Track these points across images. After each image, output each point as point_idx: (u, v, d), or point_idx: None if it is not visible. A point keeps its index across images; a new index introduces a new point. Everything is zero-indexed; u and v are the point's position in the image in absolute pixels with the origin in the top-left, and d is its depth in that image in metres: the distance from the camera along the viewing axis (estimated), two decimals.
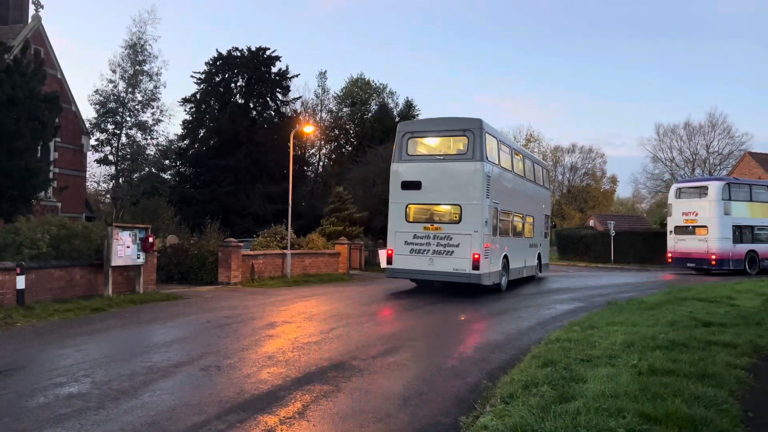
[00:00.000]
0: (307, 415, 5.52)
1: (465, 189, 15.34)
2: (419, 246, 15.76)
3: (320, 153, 50.09)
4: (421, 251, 15.70)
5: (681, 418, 4.64)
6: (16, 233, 12.87)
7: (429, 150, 16.81)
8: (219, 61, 38.74)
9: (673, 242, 28.27)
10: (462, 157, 15.67)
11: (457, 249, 15.16)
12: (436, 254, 15.47)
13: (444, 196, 15.74)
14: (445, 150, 16.52)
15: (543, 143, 74.60)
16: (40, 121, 17.34)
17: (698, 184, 28.69)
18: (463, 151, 15.69)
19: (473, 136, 15.46)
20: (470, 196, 15.25)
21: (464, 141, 15.72)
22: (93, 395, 6.01)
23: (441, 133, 16.66)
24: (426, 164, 16.27)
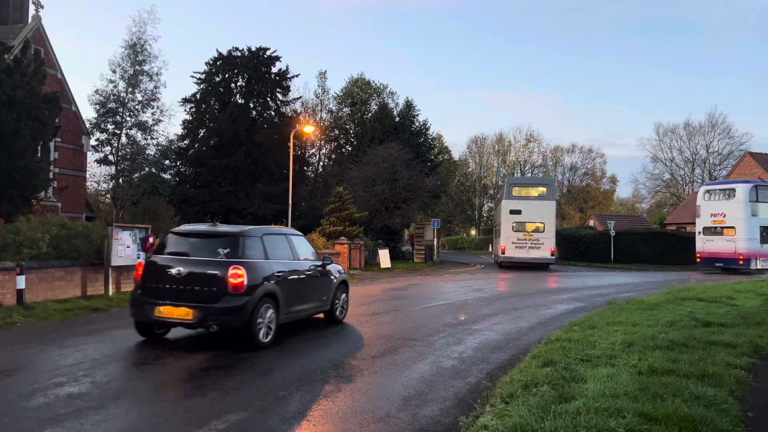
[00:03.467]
0: (307, 415, 5.52)
1: (544, 214, 28.97)
2: (521, 244, 29.06)
3: (320, 153, 50.08)
4: (521, 247, 29.03)
5: (681, 418, 4.64)
6: (16, 233, 12.87)
7: (524, 194, 29.84)
8: (219, 61, 38.71)
9: (701, 243, 29.04)
10: (543, 197, 29.50)
11: (542, 246, 28.79)
12: (530, 248, 28.94)
13: (534, 218, 28.90)
14: (536, 193, 29.91)
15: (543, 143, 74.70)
16: (40, 121, 17.33)
17: (726, 187, 29.34)
18: (545, 195, 29.68)
19: (549, 187, 30.93)
20: (547, 219, 28.99)
21: (544, 190, 30.17)
22: (93, 395, 6.01)
23: (531, 186, 31.31)
24: (523, 201, 29.37)
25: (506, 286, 19.69)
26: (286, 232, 10.60)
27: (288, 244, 10.00)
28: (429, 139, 48.63)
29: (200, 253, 8.64)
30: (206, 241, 8.89)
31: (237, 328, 8.21)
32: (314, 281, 10.23)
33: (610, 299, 13.89)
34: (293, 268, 9.62)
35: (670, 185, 70.59)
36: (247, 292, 8.17)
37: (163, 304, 8.31)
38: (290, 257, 9.75)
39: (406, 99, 48.84)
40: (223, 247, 8.55)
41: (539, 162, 74.23)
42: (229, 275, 8.11)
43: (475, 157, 75.50)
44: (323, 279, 10.60)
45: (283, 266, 9.30)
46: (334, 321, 10.95)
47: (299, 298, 9.68)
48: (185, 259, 8.54)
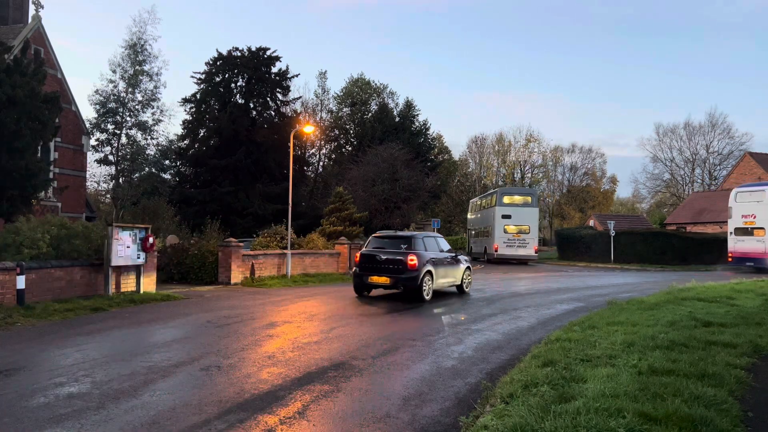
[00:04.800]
0: (307, 415, 5.52)
1: (529, 219, 33.92)
2: (511, 243, 33.56)
3: (320, 153, 50.10)
4: (511, 246, 33.51)
5: (681, 418, 4.64)
6: (16, 233, 12.87)
7: (513, 202, 34.48)
8: (219, 61, 38.74)
9: (733, 243, 30.17)
10: (529, 205, 34.52)
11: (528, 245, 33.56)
12: (518, 247, 33.48)
13: (521, 222, 33.62)
14: (522, 201, 34.63)
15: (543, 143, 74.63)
16: (40, 121, 17.34)
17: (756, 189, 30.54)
18: (529, 203, 34.74)
19: (533, 197, 36.33)
20: (532, 223, 34.01)
21: (529, 199, 35.25)
22: (93, 395, 6.01)
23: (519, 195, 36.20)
24: (513, 207, 34.00)
25: (506, 286, 19.69)
26: (434, 235, 17.01)
27: (436, 243, 16.18)
28: (429, 139, 48.64)
29: (390, 247, 15.18)
30: (393, 241, 15.53)
31: (412, 289, 14.49)
32: (451, 265, 16.31)
33: (610, 299, 13.89)
34: (439, 256, 15.72)
35: (670, 185, 70.60)
36: (417, 269, 14.43)
37: (372, 275, 15.02)
38: (437, 250, 15.90)
39: (406, 99, 48.94)
40: (403, 244, 15.16)
41: (539, 162, 74.22)
42: (408, 259, 14.47)
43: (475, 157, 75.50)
44: (456, 264, 16.66)
45: (434, 255, 15.39)
46: (463, 291, 16.84)
47: (444, 274, 15.74)
48: (383, 251, 15.11)
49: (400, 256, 14.68)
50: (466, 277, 16.99)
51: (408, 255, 14.55)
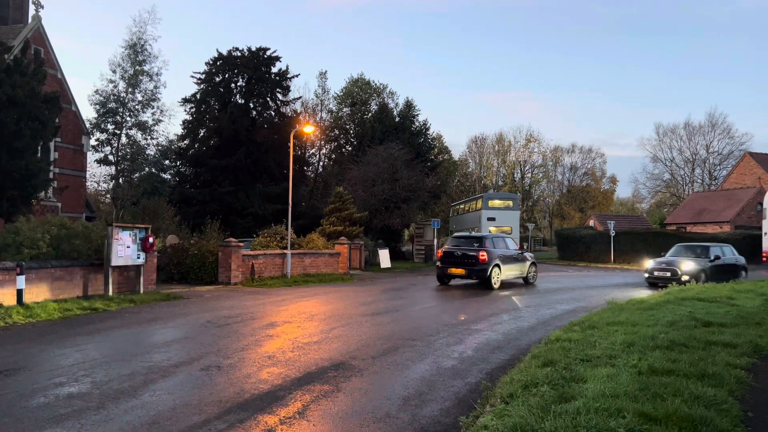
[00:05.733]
0: (307, 415, 5.52)
1: (512, 220, 36.85)
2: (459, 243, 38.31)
3: (320, 153, 50.07)
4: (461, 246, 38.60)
5: (681, 418, 4.64)
6: (16, 233, 12.87)
7: (497, 205, 37.53)
8: (219, 62, 38.71)
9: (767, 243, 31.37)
10: (511, 209, 37.63)
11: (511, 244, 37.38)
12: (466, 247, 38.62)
13: (505, 223, 35.93)
14: (504, 205, 37.70)
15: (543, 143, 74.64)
16: (40, 121, 17.34)
17: None
18: (511, 207, 37.89)
19: (514, 201, 39.44)
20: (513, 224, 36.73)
21: (511, 203, 38.45)
22: (93, 395, 6.01)
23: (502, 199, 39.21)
24: (497, 210, 36.87)
25: (506, 285, 19.70)
26: (503, 236, 21.22)
27: (504, 242, 19.79)
28: (429, 139, 48.60)
29: (466, 245, 19.03)
30: (468, 240, 19.68)
31: (483, 279, 18.11)
32: (517, 260, 19.86)
33: (610, 299, 13.89)
34: (507, 253, 19.25)
35: (670, 185, 70.60)
36: (487, 263, 17.95)
37: (451, 267, 18.77)
38: (505, 248, 19.43)
39: (406, 99, 48.84)
40: (476, 242, 18.96)
41: (539, 162, 74.22)
42: (479, 255, 18.03)
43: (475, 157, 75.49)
44: (523, 260, 20.21)
45: (501, 252, 18.93)
46: (528, 283, 20.32)
47: (511, 268, 19.33)
48: (459, 248, 18.91)
49: (473, 252, 18.33)
50: (532, 271, 20.55)
51: (479, 251, 18.16)
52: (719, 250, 20.24)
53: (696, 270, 18.55)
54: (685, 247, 20.97)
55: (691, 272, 18.42)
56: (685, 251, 20.49)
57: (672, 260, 19.54)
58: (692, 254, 20.04)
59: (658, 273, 19.18)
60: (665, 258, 20.28)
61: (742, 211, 46.26)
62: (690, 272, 18.42)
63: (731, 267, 20.22)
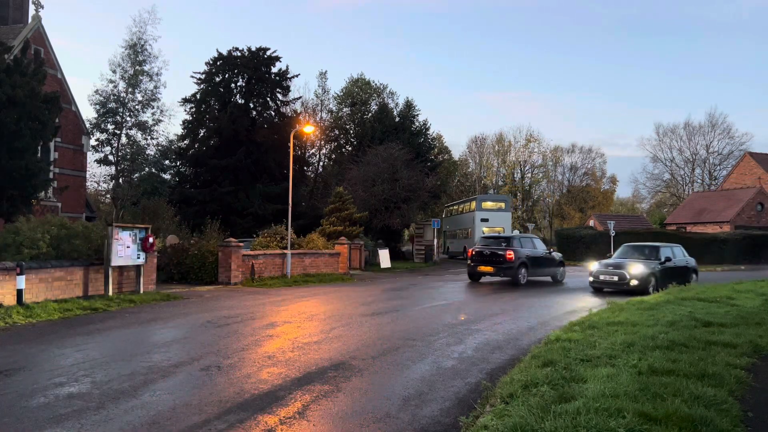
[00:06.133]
0: (307, 415, 5.52)
1: (504, 221, 38.37)
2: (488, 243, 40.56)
3: (320, 153, 50.07)
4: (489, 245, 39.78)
5: (681, 418, 4.64)
6: (16, 233, 12.87)
7: (490, 207, 39.08)
8: (219, 62, 38.70)
9: None
10: (503, 210, 39.20)
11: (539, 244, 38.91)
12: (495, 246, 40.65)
13: (497, 224, 37.72)
14: (496, 207, 39.24)
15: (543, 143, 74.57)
16: (40, 121, 17.34)
17: None
18: (503, 208, 39.51)
19: (506, 203, 40.95)
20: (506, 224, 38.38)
21: (503, 205, 39.90)
22: (93, 395, 6.01)
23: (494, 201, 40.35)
24: (490, 212, 38.50)
25: (506, 285, 19.70)
26: (531, 236, 22.45)
27: (532, 243, 21.07)
28: (429, 139, 48.59)
29: (494, 245, 20.19)
30: (497, 240, 20.94)
31: (511, 276, 19.40)
32: (545, 260, 21.03)
33: (610, 299, 13.89)
34: (534, 253, 20.48)
35: (670, 185, 70.61)
36: (513, 262, 19.15)
37: (481, 265, 20.08)
38: (532, 248, 20.66)
39: (406, 99, 48.84)
40: (503, 242, 20.29)
41: (539, 162, 74.16)
42: (506, 254, 19.21)
43: (475, 157, 75.48)
44: (550, 259, 21.36)
45: (528, 251, 20.14)
46: (557, 281, 21.24)
47: (537, 267, 20.44)
48: (489, 247, 20.12)
49: (501, 251, 19.66)
50: (560, 270, 21.67)
51: (507, 251, 19.55)
52: (670, 251, 18.53)
53: (645, 274, 16.83)
54: (633, 247, 19.27)
55: (640, 276, 16.78)
56: (634, 252, 18.78)
57: (619, 262, 17.68)
58: (641, 256, 18.28)
59: (604, 277, 17.44)
60: (612, 260, 18.57)
61: (742, 211, 46.27)
62: (639, 276, 16.78)
63: (682, 270, 18.50)
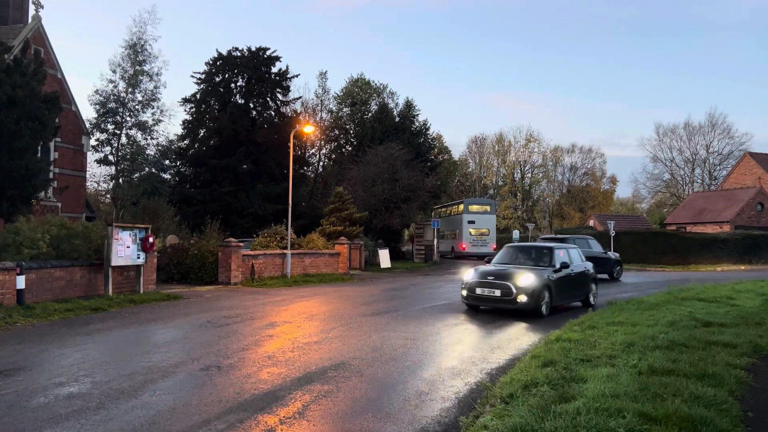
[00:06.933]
0: (307, 415, 5.52)
1: (489, 223, 40.36)
2: (475, 242, 40.20)
3: (320, 153, 50.07)
4: (475, 244, 40.05)
5: (681, 418, 4.64)
6: (16, 233, 12.87)
7: (476, 210, 40.85)
8: (219, 61, 38.69)
9: None
10: (488, 213, 41.10)
11: (488, 244, 39.83)
12: (480, 246, 39.83)
13: (483, 226, 39.99)
14: (482, 209, 41.05)
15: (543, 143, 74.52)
16: (40, 121, 17.33)
17: None
18: (489, 211, 41.25)
19: (492, 206, 43.13)
20: (491, 226, 40.46)
21: (488, 208, 41.79)
22: (93, 395, 6.01)
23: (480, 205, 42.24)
24: (476, 214, 40.28)
25: None
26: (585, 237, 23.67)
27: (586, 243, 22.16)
28: (429, 139, 48.61)
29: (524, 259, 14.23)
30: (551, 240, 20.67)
31: None
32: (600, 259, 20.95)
33: (610, 299, 13.88)
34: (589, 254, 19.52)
35: (670, 185, 70.58)
36: None
37: None
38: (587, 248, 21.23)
39: (406, 99, 48.84)
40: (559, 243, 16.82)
41: (539, 162, 74.14)
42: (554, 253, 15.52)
43: (475, 157, 75.48)
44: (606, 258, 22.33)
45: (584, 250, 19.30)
46: (613, 278, 22.43)
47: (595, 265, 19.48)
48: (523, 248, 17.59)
49: None
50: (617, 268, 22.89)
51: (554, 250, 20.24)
52: (566, 254, 13.83)
53: (538, 286, 12.06)
54: (519, 249, 14.44)
55: (531, 289, 11.95)
56: (520, 255, 13.96)
57: (503, 270, 12.72)
58: (529, 260, 13.60)
59: (483, 291, 12.39)
60: (492, 266, 13.46)
61: (742, 211, 46.25)
62: (530, 289, 11.95)
63: (581, 278, 14.03)
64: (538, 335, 9.77)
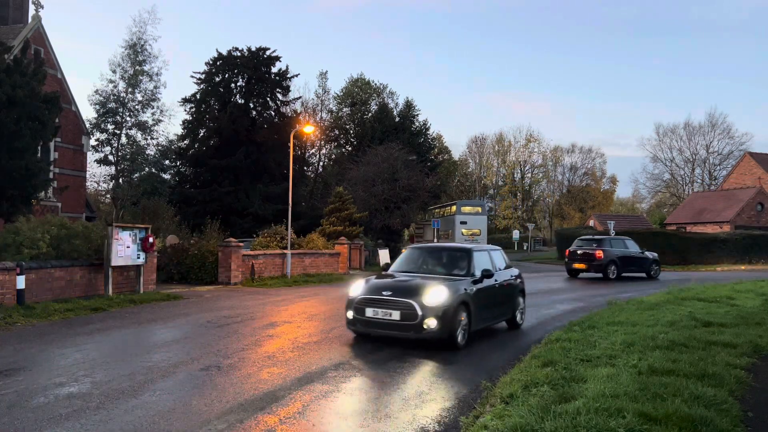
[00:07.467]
0: (307, 415, 5.52)
1: (481, 224, 38.96)
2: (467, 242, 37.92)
3: (320, 153, 50.11)
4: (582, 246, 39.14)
5: (681, 418, 4.64)
6: (16, 233, 12.86)
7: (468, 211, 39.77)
8: (219, 61, 38.70)
9: None
10: (480, 214, 40.00)
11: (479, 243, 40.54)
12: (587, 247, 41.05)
13: (475, 226, 38.48)
14: (474, 211, 40.18)
15: (543, 143, 74.59)
16: (40, 121, 17.32)
17: None
18: (480, 212, 40.32)
19: (483, 208, 42.10)
20: (482, 227, 38.88)
21: (479, 209, 40.96)
22: (93, 395, 6.01)
23: (472, 206, 41.77)
24: (468, 215, 38.99)
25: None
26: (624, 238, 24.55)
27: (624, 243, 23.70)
28: (429, 139, 48.66)
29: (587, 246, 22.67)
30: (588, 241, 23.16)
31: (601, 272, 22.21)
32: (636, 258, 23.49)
33: (610, 299, 13.89)
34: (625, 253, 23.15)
35: (670, 185, 70.59)
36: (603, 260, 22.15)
37: (575, 263, 22.92)
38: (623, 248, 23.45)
39: (406, 99, 48.92)
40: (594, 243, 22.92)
41: (539, 162, 74.20)
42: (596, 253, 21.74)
43: (475, 157, 75.53)
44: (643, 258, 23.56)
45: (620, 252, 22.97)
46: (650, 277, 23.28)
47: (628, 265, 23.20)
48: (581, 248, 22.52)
49: (591, 251, 22.44)
50: (654, 268, 23.44)
51: (596, 251, 22.24)
52: (488, 258, 10.24)
53: (452, 303, 8.53)
54: (428, 252, 10.61)
55: (442, 308, 8.40)
56: (428, 260, 10.20)
57: (404, 283, 9.17)
58: (440, 267, 9.94)
59: (375, 312, 8.73)
60: (390, 280, 9.43)
61: (742, 211, 46.25)
62: (440, 308, 8.39)
63: (507, 291, 10.52)
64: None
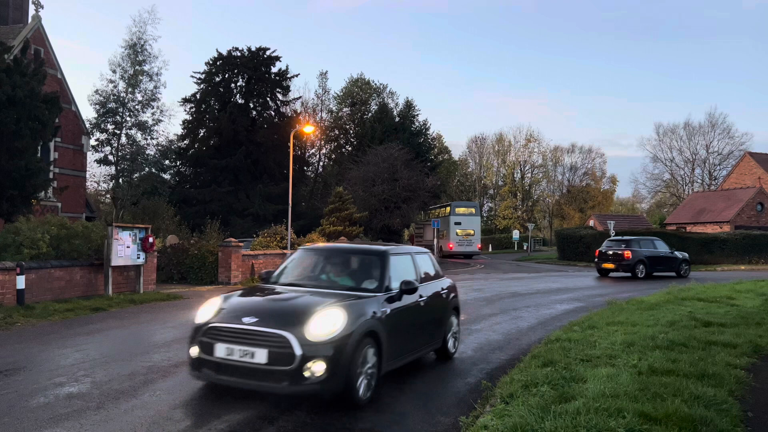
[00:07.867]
0: (307, 414, 5.52)
1: (474, 225, 41.53)
2: (461, 242, 40.81)
3: (320, 153, 50.12)
4: (461, 244, 40.79)
5: (681, 418, 4.64)
6: (16, 233, 12.86)
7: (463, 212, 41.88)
8: (219, 61, 38.73)
9: None
10: (474, 215, 42.59)
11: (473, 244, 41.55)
12: (467, 245, 40.97)
13: (469, 226, 40.80)
14: (468, 211, 42.40)
15: (543, 143, 74.62)
16: (40, 121, 17.31)
17: None
18: (474, 213, 42.96)
19: (476, 208, 45.63)
20: (476, 227, 41.71)
21: (473, 210, 43.49)
22: (93, 395, 6.01)
23: (466, 207, 44.02)
24: (463, 216, 41.11)
25: (506, 286, 19.69)
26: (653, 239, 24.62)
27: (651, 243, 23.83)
28: (429, 139, 48.68)
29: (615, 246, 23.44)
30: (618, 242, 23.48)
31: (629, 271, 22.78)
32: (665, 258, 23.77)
33: (609, 299, 13.88)
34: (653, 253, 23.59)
35: (670, 185, 70.58)
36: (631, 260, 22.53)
37: (604, 263, 23.22)
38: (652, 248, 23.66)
39: (406, 99, 48.98)
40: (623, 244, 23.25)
41: (539, 162, 74.21)
42: (624, 253, 22.50)
43: (475, 157, 75.52)
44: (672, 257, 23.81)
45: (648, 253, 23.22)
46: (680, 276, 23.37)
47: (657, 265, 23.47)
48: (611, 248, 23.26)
49: (620, 251, 22.82)
50: (684, 267, 23.56)
51: (625, 251, 22.54)
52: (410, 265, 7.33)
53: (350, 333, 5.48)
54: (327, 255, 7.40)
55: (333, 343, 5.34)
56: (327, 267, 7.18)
57: (280, 304, 6.09)
58: (343, 277, 6.98)
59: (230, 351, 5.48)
60: (261, 297, 6.39)
61: (742, 211, 46.24)
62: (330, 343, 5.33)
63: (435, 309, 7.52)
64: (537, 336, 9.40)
